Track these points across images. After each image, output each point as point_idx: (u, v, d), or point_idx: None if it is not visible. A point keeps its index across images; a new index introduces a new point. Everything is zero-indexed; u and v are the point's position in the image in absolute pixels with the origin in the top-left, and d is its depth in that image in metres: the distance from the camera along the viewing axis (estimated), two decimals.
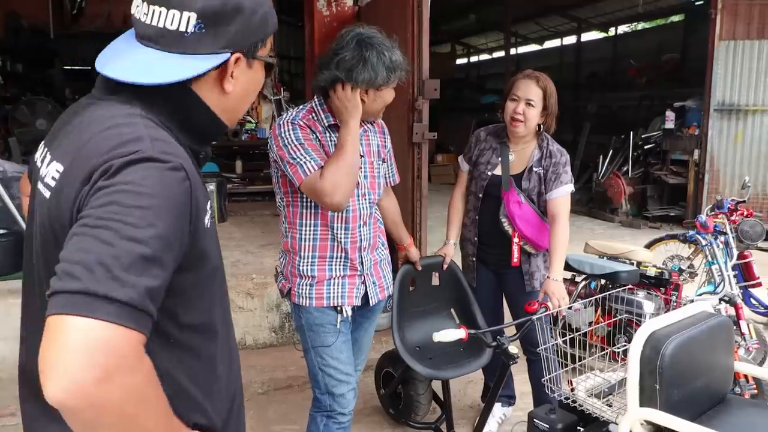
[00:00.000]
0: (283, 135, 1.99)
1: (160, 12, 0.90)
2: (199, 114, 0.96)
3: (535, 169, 2.60)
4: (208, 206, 0.95)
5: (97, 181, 0.80)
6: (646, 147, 8.61)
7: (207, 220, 0.93)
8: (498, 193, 2.63)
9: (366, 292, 2.18)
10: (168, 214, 0.80)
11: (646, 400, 1.61)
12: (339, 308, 2.14)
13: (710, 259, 3.16)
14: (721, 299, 3.02)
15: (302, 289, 2.11)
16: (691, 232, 3.27)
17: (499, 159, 2.65)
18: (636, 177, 8.54)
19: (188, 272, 0.89)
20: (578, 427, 1.93)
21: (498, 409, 2.98)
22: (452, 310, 2.79)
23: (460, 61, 18.42)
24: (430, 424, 2.86)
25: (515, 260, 2.63)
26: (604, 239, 6.94)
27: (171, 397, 0.83)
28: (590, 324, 3.36)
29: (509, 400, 3.04)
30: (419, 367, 2.45)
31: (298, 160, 1.94)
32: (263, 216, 6.01)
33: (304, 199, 2.08)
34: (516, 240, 2.61)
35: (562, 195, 2.56)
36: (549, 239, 2.51)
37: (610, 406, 1.85)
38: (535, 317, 2.10)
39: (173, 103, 0.94)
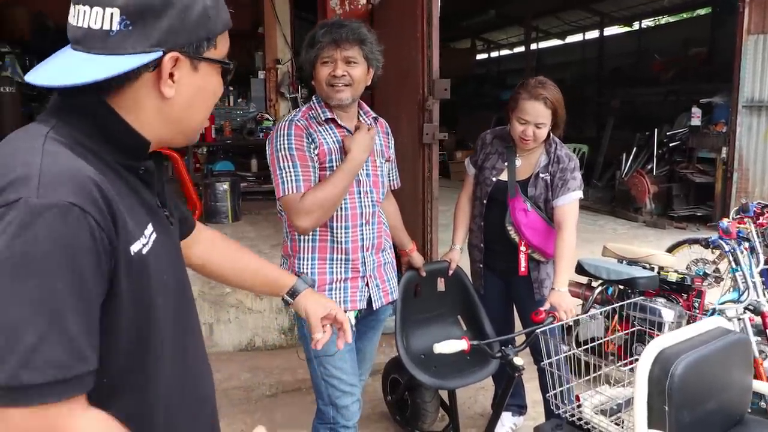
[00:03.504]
0: (277, 140, 1.98)
1: (85, 11, 0.83)
2: (114, 127, 0.87)
3: (541, 175, 2.50)
4: (147, 230, 0.87)
5: None
6: (671, 144, 8.38)
7: (139, 246, 0.85)
8: (503, 199, 2.54)
9: (370, 295, 2.12)
10: (63, 269, 0.74)
11: (654, 421, 1.52)
12: None
13: (734, 265, 3.01)
14: (746, 308, 2.88)
15: None
16: (713, 237, 3.13)
17: (505, 164, 2.55)
18: (661, 175, 8.31)
19: (111, 309, 0.82)
20: None
21: (508, 419, 2.90)
22: (459, 317, 2.72)
23: (480, 56, 18.21)
24: None
25: (522, 269, 2.54)
26: (627, 239, 6.80)
27: None
28: (606, 331, 3.26)
29: (520, 409, 2.95)
30: (423, 376, 2.38)
31: (283, 174, 1.94)
32: (277, 215, 5.98)
33: None
34: (523, 248, 2.52)
35: (569, 202, 2.45)
36: (554, 247, 2.41)
37: (619, 424, 1.76)
38: (539, 330, 2.01)
39: (89, 116, 0.86)
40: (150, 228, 0.89)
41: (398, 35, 3.90)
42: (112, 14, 0.82)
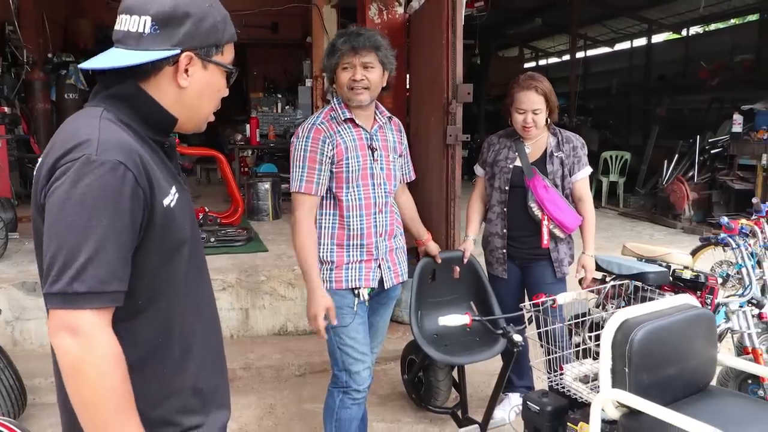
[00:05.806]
0: (298, 141, 2.27)
1: (125, 19, 1.11)
2: (150, 108, 1.14)
3: (555, 153, 2.78)
4: (173, 190, 1.15)
5: (54, 183, 1.01)
6: (712, 151, 8.31)
7: (168, 201, 1.12)
8: (523, 185, 2.78)
9: (381, 276, 2.37)
10: (108, 209, 1.00)
11: (617, 382, 1.71)
12: (356, 292, 2.34)
13: (739, 261, 3.12)
14: (749, 301, 3.00)
15: (323, 274, 2.33)
16: (722, 235, 3.24)
17: (516, 153, 2.81)
18: (702, 182, 8.25)
19: (146, 247, 1.09)
20: (569, 411, 2.04)
21: (516, 399, 3.08)
22: (472, 303, 2.93)
23: (528, 65, 18.22)
24: (447, 409, 3.01)
25: (545, 242, 2.78)
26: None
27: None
28: None
29: (528, 390, 3.13)
30: (433, 352, 2.61)
31: (294, 172, 2.25)
32: None
33: (325, 196, 2.31)
34: (546, 223, 2.76)
35: (584, 177, 2.82)
36: (582, 219, 2.79)
37: (594, 390, 1.94)
38: (522, 305, 2.24)
39: (130, 101, 1.13)
40: (174, 189, 1.17)
41: (428, 43, 4.15)
42: (145, 21, 1.10)
